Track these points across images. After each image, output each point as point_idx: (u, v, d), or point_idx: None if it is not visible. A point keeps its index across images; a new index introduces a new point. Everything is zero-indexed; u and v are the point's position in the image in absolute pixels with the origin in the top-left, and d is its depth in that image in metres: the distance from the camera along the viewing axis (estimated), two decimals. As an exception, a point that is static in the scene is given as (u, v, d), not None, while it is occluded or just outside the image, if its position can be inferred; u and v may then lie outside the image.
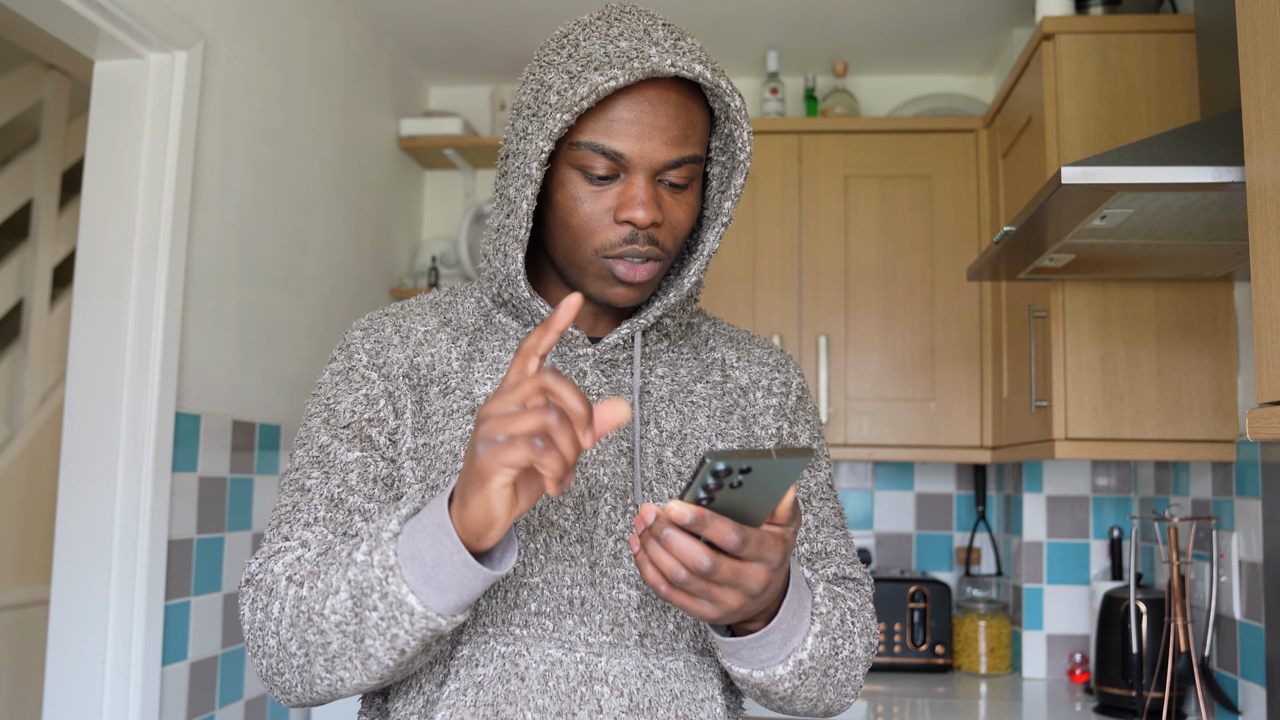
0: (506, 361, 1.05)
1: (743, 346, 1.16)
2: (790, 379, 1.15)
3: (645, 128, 0.95)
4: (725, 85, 0.97)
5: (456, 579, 0.84)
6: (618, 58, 0.93)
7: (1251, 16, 1.09)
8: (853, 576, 1.12)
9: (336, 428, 1.03)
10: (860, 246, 2.67)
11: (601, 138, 0.95)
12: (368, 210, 2.83)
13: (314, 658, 0.90)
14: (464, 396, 1.03)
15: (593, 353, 1.04)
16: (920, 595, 2.57)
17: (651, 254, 0.99)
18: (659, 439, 1.04)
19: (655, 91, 0.96)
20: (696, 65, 0.94)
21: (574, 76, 0.94)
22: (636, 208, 0.96)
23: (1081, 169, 1.36)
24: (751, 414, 1.11)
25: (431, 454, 1.02)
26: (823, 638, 0.96)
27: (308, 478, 1.02)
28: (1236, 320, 1.96)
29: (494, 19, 2.79)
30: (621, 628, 0.99)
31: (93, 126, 1.94)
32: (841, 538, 1.14)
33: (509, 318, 1.07)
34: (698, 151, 0.99)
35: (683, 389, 1.08)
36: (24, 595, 2.89)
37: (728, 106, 0.99)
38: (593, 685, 0.97)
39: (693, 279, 1.04)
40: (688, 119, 0.98)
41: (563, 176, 0.98)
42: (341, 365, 1.06)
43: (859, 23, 2.78)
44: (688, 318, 1.11)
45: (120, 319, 1.88)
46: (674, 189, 0.99)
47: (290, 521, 1.00)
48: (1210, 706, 1.95)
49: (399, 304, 1.11)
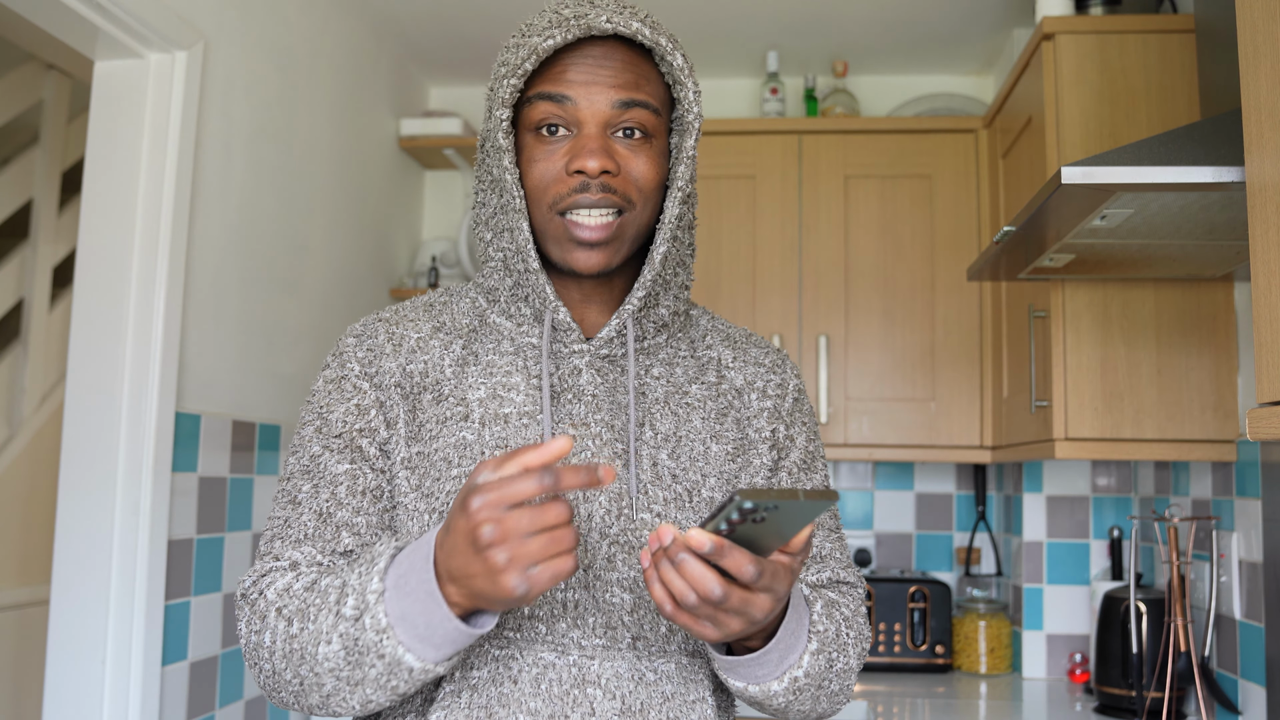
0: (499, 365, 1.04)
1: (739, 346, 1.15)
2: (787, 380, 1.14)
3: (591, 75, 0.98)
4: (665, 43, 0.99)
5: (449, 639, 0.86)
6: (559, 22, 0.97)
7: (1251, 16, 1.09)
8: (846, 580, 1.12)
9: (328, 437, 1.03)
10: (860, 246, 2.67)
11: (549, 86, 0.98)
12: (368, 210, 2.83)
13: (309, 690, 0.93)
14: (457, 403, 1.03)
15: (588, 349, 1.04)
16: (920, 595, 2.57)
17: (605, 201, 0.98)
18: (654, 441, 1.04)
19: (600, 49, 0.99)
20: (634, 23, 0.97)
21: (520, 46, 0.98)
22: (587, 156, 0.97)
23: (1081, 169, 1.36)
24: (746, 416, 1.10)
25: (425, 462, 1.01)
26: (819, 655, 0.97)
27: (299, 490, 1.02)
28: (1236, 320, 1.96)
29: (494, 19, 2.80)
30: (614, 631, 0.99)
31: (93, 126, 1.94)
32: (836, 541, 1.14)
33: (502, 317, 1.07)
34: (650, 100, 1.00)
35: (678, 390, 1.08)
36: (24, 595, 2.89)
37: (672, 68, 1.00)
38: (585, 688, 0.97)
39: (661, 249, 1.02)
40: (637, 72, 0.99)
41: (523, 142, 1.01)
42: (334, 373, 1.06)
43: (859, 23, 2.78)
44: (683, 306, 1.10)
45: (120, 319, 1.88)
46: (628, 138, 1.00)
47: (281, 538, 1.01)
48: (1210, 706, 1.95)
49: (394, 308, 1.11)
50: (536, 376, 1.04)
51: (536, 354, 1.05)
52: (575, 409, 1.02)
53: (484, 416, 1.01)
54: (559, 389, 1.03)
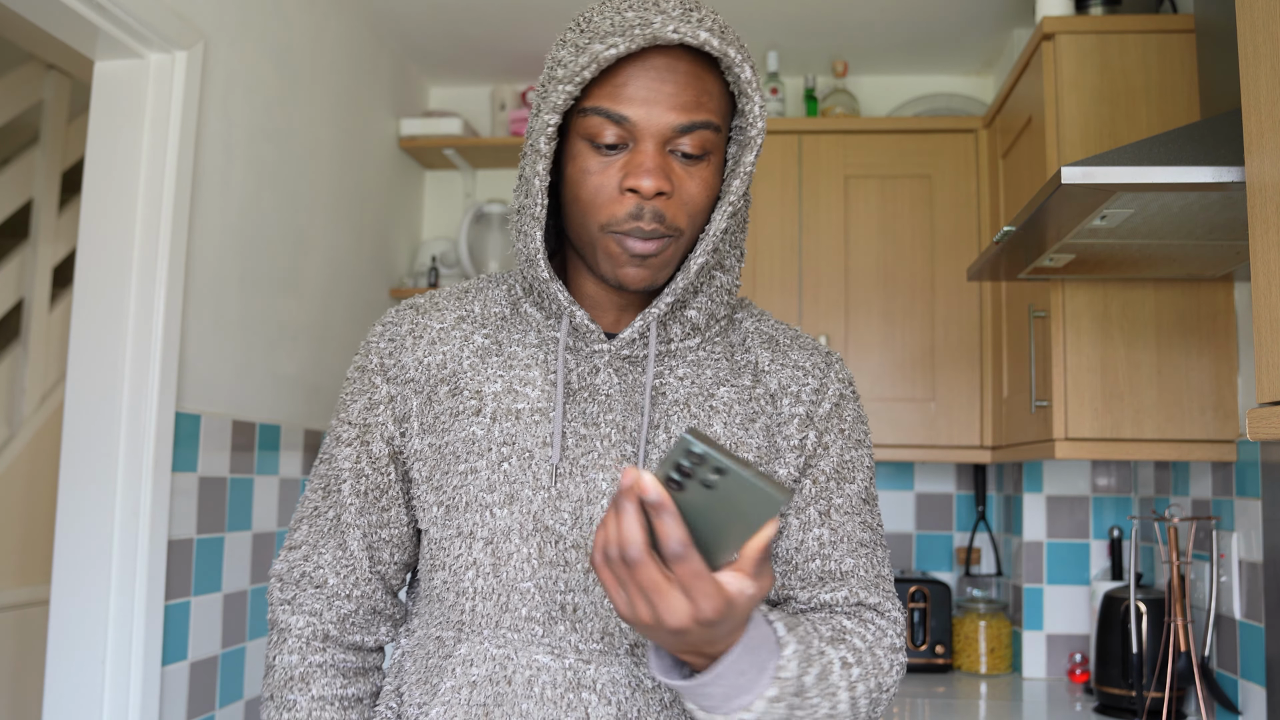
0: (520, 358, 1.03)
1: (780, 348, 1.08)
2: (827, 385, 1.07)
3: (652, 93, 0.92)
4: (735, 55, 0.93)
5: None
6: (623, 27, 0.92)
7: (1251, 16, 1.09)
8: (868, 603, 1.03)
9: (347, 428, 1.08)
10: (860, 246, 2.67)
11: (608, 103, 0.92)
12: (368, 210, 2.83)
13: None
14: (471, 396, 1.02)
15: (608, 349, 1.01)
16: (920, 595, 2.57)
17: (656, 233, 0.94)
18: (667, 444, 1.00)
19: (664, 60, 0.92)
20: (702, 33, 0.90)
21: (580, 49, 0.93)
22: (642, 175, 0.92)
23: (1081, 169, 1.36)
24: (776, 423, 1.04)
25: (437, 454, 1.02)
26: (777, 702, 0.84)
27: (327, 479, 1.10)
28: (1236, 320, 1.96)
29: (494, 19, 2.79)
30: (612, 636, 0.98)
31: (93, 126, 1.94)
32: (865, 557, 1.04)
33: (534, 308, 1.04)
34: (711, 119, 0.94)
35: (703, 391, 1.02)
36: (24, 595, 2.89)
37: (739, 79, 0.94)
38: (580, 692, 0.96)
39: (699, 260, 0.98)
40: (700, 87, 0.94)
41: (574, 150, 0.96)
42: (360, 363, 1.09)
43: (859, 23, 2.78)
44: (724, 310, 1.05)
45: (120, 319, 1.88)
46: (687, 160, 0.95)
47: (310, 523, 1.10)
48: (1210, 706, 1.95)
49: (430, 294, 1.11)
50: (554, 373, 1.02)
51: (557, 349, 1.03)
52: (589, 408, 1.00)
53: (496, 411, 1.01)
54: (575, 386, 1.01)
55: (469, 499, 1.00)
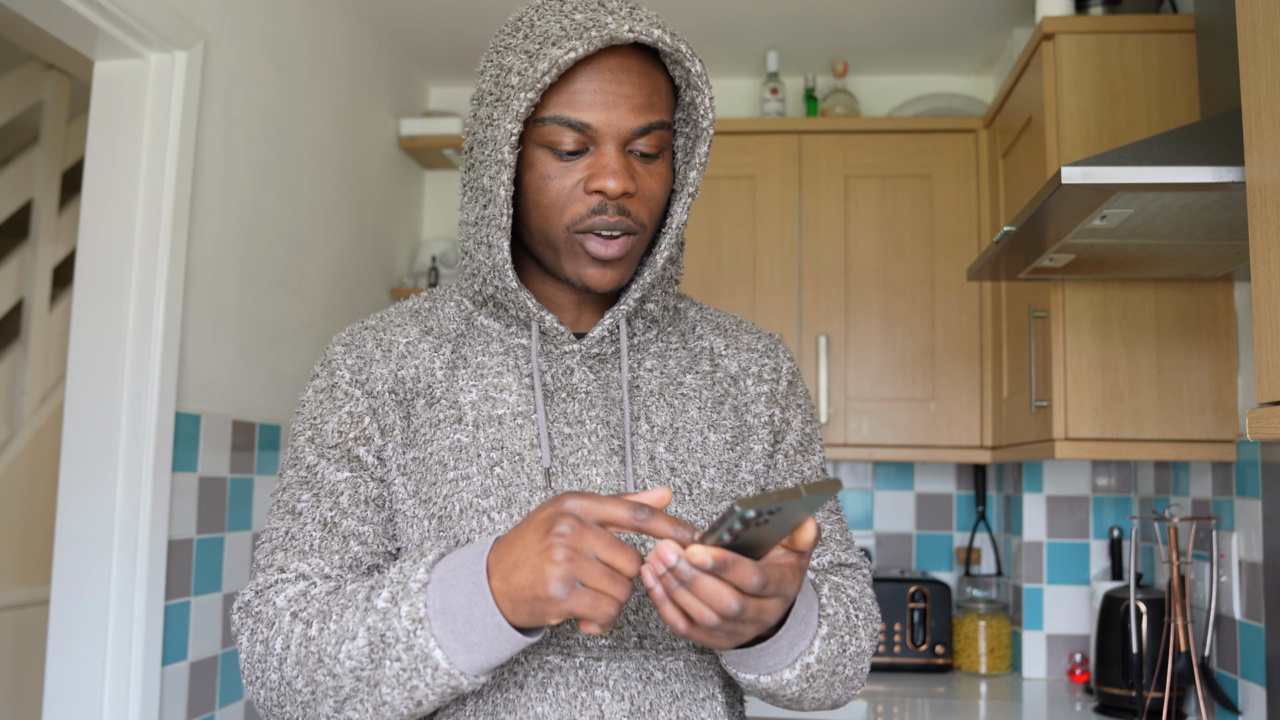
0: (490, 366, 1.03)
1: (730, 334, 1.14)
2: (780, 364, 1.13)
3: (610, 96, 0.94)
4: (685, 50, 0.96)
5: (487, 639, 0.84)
6: (574, 30, 0.92)
7: (1251, 16, 1.09)
8: (848, 562, 1.11)
9: (324, 447, 1.02)
10: (860, 246, 2.67)
11: (567, 110, 0.94)
12: (368, 210, 2.83)
13: (322, 698, 0.90)
14: (449, 406, 1.01)
15: (579, 349, 1.03)
16: (920, 595, 2.57)
17: (622, 225, 0.96)
18: (650, 435, 1.02)
19: (616, 60, 0.95)
20: (655, 30, 0.93)
21: (532, 55, 0.93)
22: (607, 177, 0.94)
23: (1081, 169, 1.36)
24: (743, 402, 1.09)
25: (421, 467, 1.00)
26: (830, 639, 0.96)
27: (298, 500, 1.01)
28: (1236, 320, 1.96)
29: (494, 19, 2.79)
30: (620, 630, 0.98)
31: (93, 126, 1.94)
32: (836, 523, 1.13)
33: (490, 319, 1.05)
34: (665, 118, 0.98)
35: (672, 381, 1.06)
36: (24, 595, 2.89)
37: (689, 73, 0.98)
38: (593, 690, 0.96)
39: (665, 254, 1.02)
40: (651, 85, 0.97)
41: (531, 157, 0.97)
42: (324, 382, 1.04)
43: (859, 23, 2.78)
44: (673, 301, 1.09)
45: (120, 319, 1.88)
46: (645, 159, 0.98)
47: (285, 549, 0.99)
48: (1210, 706, 1.95)
49: (378, 315, 1.09)
50: (528, 376, 1.03)
51: (527, 354, 1.04)
52: (569, 407, 1.02)
53: (477, 419, 1.00)
54: (552, 388, 1.02)
55: (463, 505, 0.98)
